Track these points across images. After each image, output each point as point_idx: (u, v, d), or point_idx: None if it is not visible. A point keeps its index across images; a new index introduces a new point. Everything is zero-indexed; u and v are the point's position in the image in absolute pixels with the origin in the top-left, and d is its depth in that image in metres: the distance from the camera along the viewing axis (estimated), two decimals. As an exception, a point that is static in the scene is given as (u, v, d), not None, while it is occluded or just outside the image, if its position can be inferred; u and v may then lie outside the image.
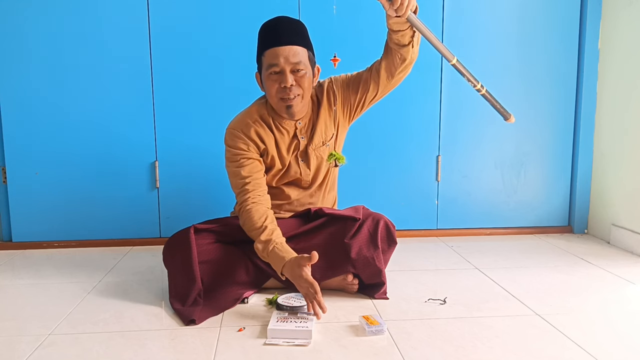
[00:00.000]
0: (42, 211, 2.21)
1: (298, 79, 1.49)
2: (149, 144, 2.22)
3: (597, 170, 2.36)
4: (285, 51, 1.46)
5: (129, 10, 2.14)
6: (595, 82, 2.33)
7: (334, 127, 1.67)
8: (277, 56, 1.46)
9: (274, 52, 1.47)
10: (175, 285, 1.55)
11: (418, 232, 2.37)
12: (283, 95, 1.50)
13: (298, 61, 1.47)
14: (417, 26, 1.33)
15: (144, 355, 1.22)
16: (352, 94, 1.63)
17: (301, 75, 1.49)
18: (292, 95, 1.50)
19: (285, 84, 1.48)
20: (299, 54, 1.47)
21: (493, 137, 2.36)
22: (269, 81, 1.51)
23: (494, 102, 1.46)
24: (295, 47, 1.47)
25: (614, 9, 2.22)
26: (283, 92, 1.50)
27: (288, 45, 1.46)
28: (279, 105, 1.54)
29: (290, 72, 1.48)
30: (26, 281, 1.79)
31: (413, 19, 1.32)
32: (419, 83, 2.26)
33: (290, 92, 1.49)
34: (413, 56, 1.53)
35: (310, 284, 1.36)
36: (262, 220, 1.50)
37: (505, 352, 1.22)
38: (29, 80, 2.14)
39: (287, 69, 1.47)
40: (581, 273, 1.82)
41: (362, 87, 1.61)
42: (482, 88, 1.41)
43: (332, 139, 1.67)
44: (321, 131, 1.64)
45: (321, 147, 1.66)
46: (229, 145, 1.60)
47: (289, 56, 1.46)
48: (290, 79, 1.47)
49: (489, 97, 1.44)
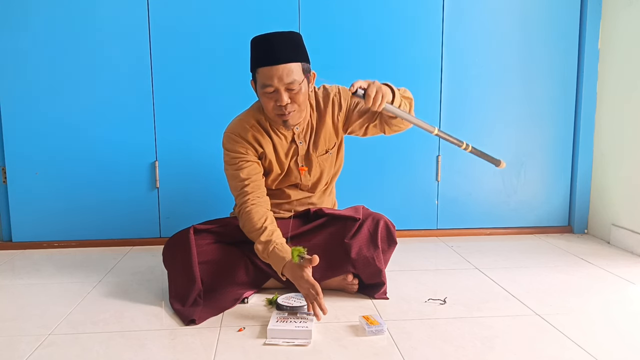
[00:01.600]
0: (42, 211, 2.21)
1: (293, 96, 1.48)
2: (149, 144, 2.22)
3: (597, 170, 2.36)
4: (278, 71, 1.44)
5: (129, 11, 2.14)
6: (595, 82, 2.33)
7: (337, 137, 1.67)
8: (271, 77, 1.44)
9: (268, 72, 1.44)
10: (175, 285, 1.55)
11: (418, 232, 2.37)
12: (279, 112, 1.50)
13: (292, 80, 1.45)
14: (395, 113, 1.39)
15: (144, 355, 1.22)
16: (357, 116, 1.62)
17: (296, 92, 1.48)
18: (287, 112, 1.49)
19: (281, 103, 1.47)
20: (292, 72, 1.45)
21: (493, 137, 2.36)
22: (264, 98, 1.50)
23: (482, 155, 1.51)
24: (289, 65, 1.44)
25: (614, 9, 2.22)
26: (279, 109, 1.49)
27: (282, 64, 1.44)
28: (276, 120, 1.54)
29: (285, 91, 1.46)
30: (26, 281, 1.79)
31: (390, 108, 1.37)
32: (419, 83, 2.26)
33: (286, 109, 1.49)
34: (406, 123, 1.53)
35: (311, 284, 1.36)
36: (261, 222, 1.50)
37: (505, 352, 1.22)
38: (29, 80, 2.14)
39: (281, 88, 1.45)
40: (581, 273, 1.82)
41: (369, 116, 1.60)
42: (468, 146, 1.46)
43: (334, 147, 1.67)
44: (324, 139, 1.64)
45: (324, 154, 1.66)
46: (227, 149, 1.59)
47: (283, 76, 1.44)
48: (286, 97, 1.46)
49: (476, 152, 1.48)
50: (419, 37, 2.27)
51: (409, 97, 1.52)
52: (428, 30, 2.26)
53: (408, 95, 1.52)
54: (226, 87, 2.20)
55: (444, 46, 2.28)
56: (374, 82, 1.33)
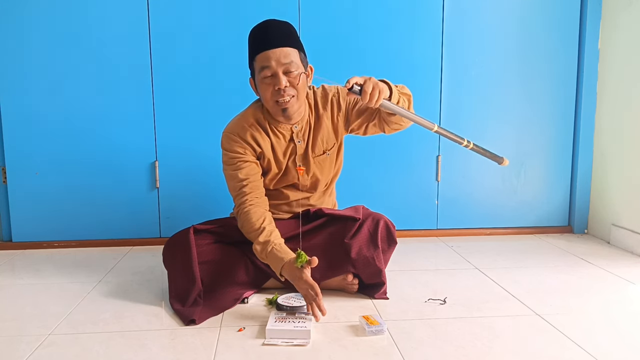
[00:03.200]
0: (42, 211, 2.21)
1: (291, 80, 1.48)
2: (149, 144, 2.22)
3: (597, 170, 2.36)
4: (276, 53, 1.45)
5: (129, 12, 2.14)
6: (595, 82, 2.33)
7: (337, 138, 1.66)
8: (268, 59, 1.45)
9: (265, 55, 1.45)
10: (175, 286, 1.55)
11: (418, 232, 2.37)
12: (278, 97, 1.49)
13: (290, 62, 1.46)
14: (393, 110, 1.36)
15: (144, 355, 1.22)
16: (356, 116, 1.61)
17: (294, 76, 1.48)
18: (286, 97, 1.49)
19: (279, 86, 1.46)
20: (290, 55, 1.46)
21: (493, 137, 2.36)
22: (262, 85, 1.50)
23: (484, 152, 1.48)
24: (286, 49, 1.45)
25: (614, 9, 2.22)
26: (277, 94, 1.48)
27: (279, 48, 1.45)
28: (275, 109, 1.53)
29: (283, 74, 1.46)
30: (26, 281, 1.79)
31: (387, 105, 1.34)
32: (419, 83, 2.26)
33: (285, 93, 1.48)
34: (405, 121, 1.51)
35: (310, 285, 1.36)
36: (260, 222, 1.50)
37: (505, 352, 1.22)
38: (29, 80, 2.14)
39: (279, 70, 1.46)
40: (581, 273, 1.82)
41: (367, 115, 1.59)
42: (469, 143, 1.43)
43: (333, 148, 1.66)
44: (322, 140, 1.63)
45: (321, 155, 1.65)
46: (225, 149, 1.59)
47: (280, 58, 1.45)
48: (284, 80, 1.46)
49: (478, 149, 1.46)
50: (419, 37, 2.27)
51: (407, 93, 1.50)
52: (428, 30, 2.26)
53: (406, 92, 1.50)
54: (226, 87, 2.20)
55: (444, 46, 2.28)
56: (370, 79, 1.31)
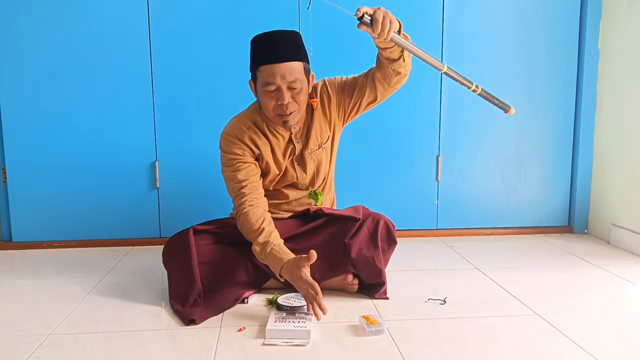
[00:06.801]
0: (42, 211, 2.21)
1: (294, 95, 1.48)
2: (149, 144, 2.22)
3: (597, 170, 2.36)
4: (281, 69, 1.44)
5: (129, 11, 2.14)
6: (595, 82, 2.33)
7: (330, 130, 1.66)
8: (273, 75, 1.44)
9: (270, 70, 1.44)
10: (175, 286, 1.55)
11: (418, 232, 2.37)
12: (280, 111, 1.50)
13: (294, 79, 1.45)
14: (402, 45, 1.34)
15: (144, 355, 1.22)
16: (346, 98, 1.62)
17: (297, 92, 1.48)
18: (288, 112, 1.49)
19: (282, 101, 1.46)
20: (295, 71, 1.45)
21: (493, 137, 2.36)
22: (265, 96, 1.49)
23: (491, 99, 1.46)
24: (291, 64, 1.44)
25: (613, 9, 2.22)
26: (279, 108, 1.49)
27: (284, 63, 1.44)
28: (275, 120, 1.54)
29: (287, 89, 1.46)
30: (26, 281, 1.79)
31: (397, 39, 1.32)
32: (419, 83, 2.26)
33: (287, 108, 1.49)
34: (407, 68, 1.52)
35: (310, 285, 1.35)
36: (259, 223, 1.50)
37: (505, 352, 1.22)
38: (28, 80, 2.14)
39: (283, 86, 1.45)
40: (581, 273, 1.82)
41: (358, 92, 1.60)
42: (477, 88, 1.42)
43: (327, 141, 1.66)
44: (316, 135, 1.63)
45: (317, 150, 1.65)
46: (224, 151, 1.59)
47: (286, 74, 1.44)
48: (287, 96, 1.46)
49: (485, 95, 1.44)
50: (419, 36, 2.25)
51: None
52: (428, 30, 2.26)
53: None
54: (226, 86, 2.20)
55: (444, 46, 2.28)
56: (380, 8, 1.26)
